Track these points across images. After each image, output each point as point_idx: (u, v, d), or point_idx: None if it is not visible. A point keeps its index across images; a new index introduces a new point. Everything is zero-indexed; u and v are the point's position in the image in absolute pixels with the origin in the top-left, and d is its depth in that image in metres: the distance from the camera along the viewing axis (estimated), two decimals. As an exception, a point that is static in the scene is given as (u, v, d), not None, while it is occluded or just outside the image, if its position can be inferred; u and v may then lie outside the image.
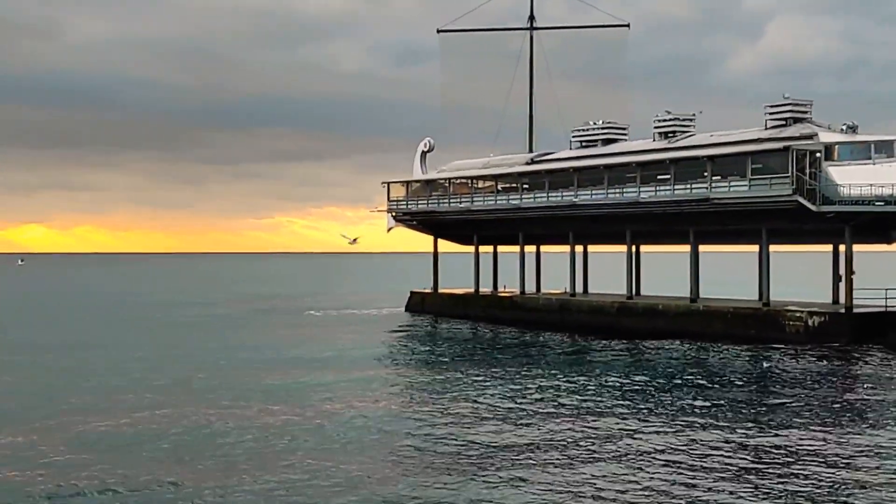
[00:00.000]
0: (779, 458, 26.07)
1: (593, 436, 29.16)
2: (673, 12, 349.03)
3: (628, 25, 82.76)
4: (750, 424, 30.86)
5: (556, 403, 35.26)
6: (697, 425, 30.73)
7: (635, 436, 29.12)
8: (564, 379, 41.62)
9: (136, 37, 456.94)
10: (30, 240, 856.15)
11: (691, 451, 26.92)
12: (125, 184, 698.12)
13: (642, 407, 34.36)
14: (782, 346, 51.49)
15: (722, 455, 26.47)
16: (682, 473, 24.31)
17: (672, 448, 27.33)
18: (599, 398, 36.53)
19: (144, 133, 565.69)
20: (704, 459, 25.93)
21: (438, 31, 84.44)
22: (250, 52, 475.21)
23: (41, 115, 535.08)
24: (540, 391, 38.27)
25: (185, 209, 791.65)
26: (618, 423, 31.13)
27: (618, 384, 40.07)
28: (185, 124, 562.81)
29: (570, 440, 28.51)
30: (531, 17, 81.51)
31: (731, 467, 25.01)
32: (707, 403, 35.00)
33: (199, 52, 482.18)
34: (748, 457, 26.34)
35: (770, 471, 24.60)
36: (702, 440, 28.43)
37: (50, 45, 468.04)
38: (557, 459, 26.00)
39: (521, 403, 35.29)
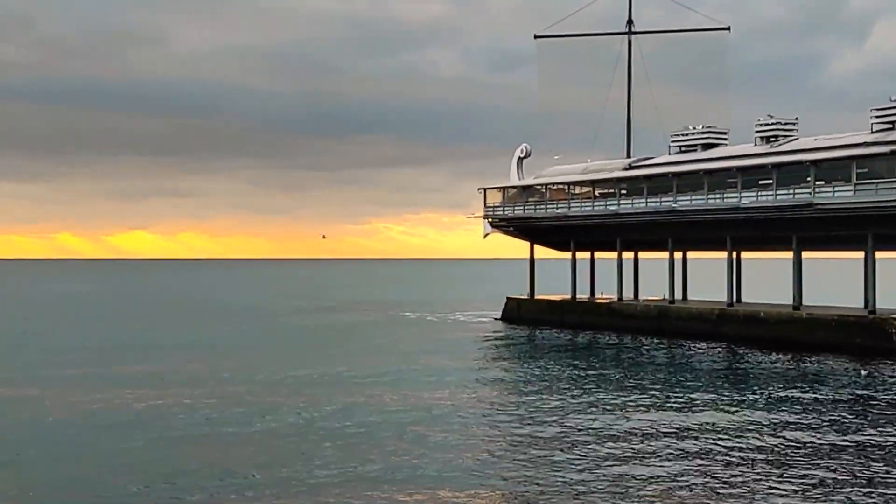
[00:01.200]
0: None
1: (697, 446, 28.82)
2: (774, 14, 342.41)
3: (728, 28, 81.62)
4: (850, 445, 30.01)
5: (655, 413, 34.93)
6: (796, 442, 30.03)
7: (738, 450, 28.69)
8: (674, 389, 41.21)
9: (238, 46, 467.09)
10: (135, 245, 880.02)
11: (788, 467, 26.41)
12: (227, 190, 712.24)
13: (744, 420, 33.85)
14: (890, 358, 50.11)
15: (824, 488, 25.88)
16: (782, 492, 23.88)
17: (767, 459, 26.86)
18: (707, 409, 36.09)
19: (246, 140, 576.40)
20: (807, 487, 25.41)
21: (536, 37, 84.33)
22: (350, 60, 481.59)
23: (148, 123, 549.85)
24: (642, 398, 37.97)
25: (284, 215, 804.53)
26: (719, 437, 30.71)
27: (731, 398, 39.50)
28: (285, 132, 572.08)
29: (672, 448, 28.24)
30: (629, 22, 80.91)
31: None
32: (810, 419, 34.26)
33: (300, 59, 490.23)
34: (857, 487, 25.71)
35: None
36: (799, 461, 27.85)
37: (156, 55, 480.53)
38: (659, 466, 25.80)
39: (628, 413, 35.04)
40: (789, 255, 62.31)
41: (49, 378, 45.14)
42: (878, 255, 59.26)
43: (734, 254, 67.75)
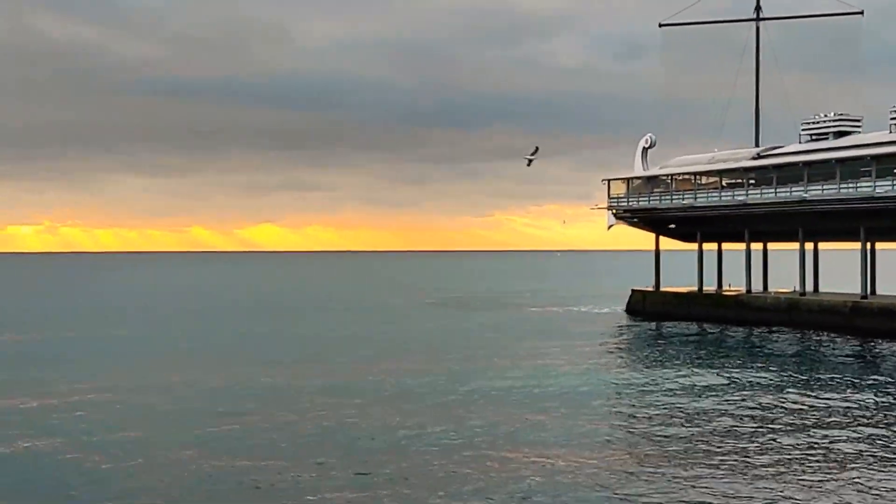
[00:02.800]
0: None
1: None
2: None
3: (862, 13, 78.97)
4: None
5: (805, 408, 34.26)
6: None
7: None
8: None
9: (362, 39, 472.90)
10: (264, 238, 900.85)
11: (934, 459, 25.60)
12: (353, 183, 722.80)
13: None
14: None
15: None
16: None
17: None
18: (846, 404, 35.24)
19: (372, 134, 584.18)
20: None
21: (660, 25, 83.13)
22: (473, 50, 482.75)
23: (275, 117, 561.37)
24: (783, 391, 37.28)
25: (409, 208, 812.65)
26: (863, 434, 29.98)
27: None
28: (410, 124, 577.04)
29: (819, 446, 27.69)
30: (757, 8, 79.07)
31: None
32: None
33: (423, 51, 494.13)
34: None
35: None
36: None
37: (283, 49, 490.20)
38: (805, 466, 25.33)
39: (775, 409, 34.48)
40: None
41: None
42: None
43: (868, 244, 65.73)
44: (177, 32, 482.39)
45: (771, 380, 40.70)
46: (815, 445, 27.48)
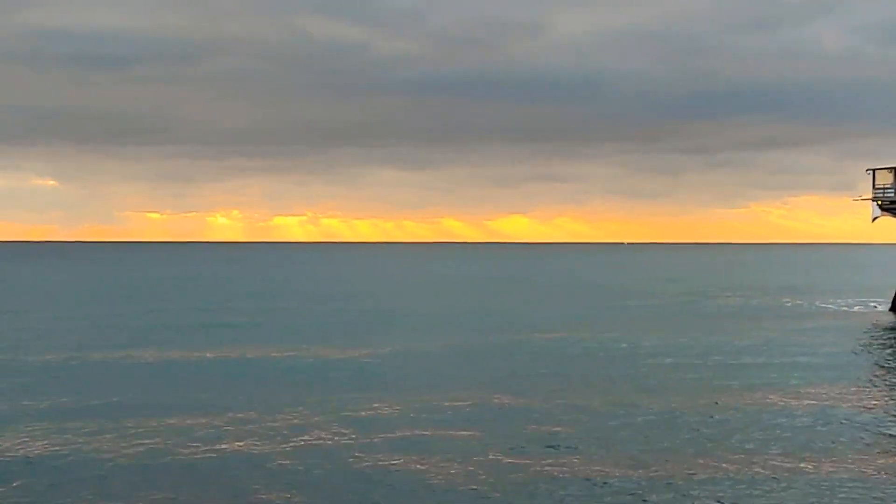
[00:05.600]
0: None
1: None
2: None
3: None
4: None
5: None
6: None
7: None
8: None
9: (614, 29, 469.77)
10: (514, 230, 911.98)
11: None
12: (603, 175, 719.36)
13: None
14: None
15: None
16: None
17: None
18: None
19: (623, 124, 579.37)
20: None
21: (932, 7, 78.76)
22: (729, 37, 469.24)
23: (526, 110, 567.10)
24: None
25: (660, 199, 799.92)
26: None
27: None
28: (661, 114, 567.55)
29: None
30: None
31: None
32: None
33: (676, 39, 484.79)
34: None
35: None
36: None
37: (536, 43, 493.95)
38: None
39: None
40: None
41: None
42: None
43: None
44: (435, 29, 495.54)
45: None
46: None
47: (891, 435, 28.04)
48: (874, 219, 79.21)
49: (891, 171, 77.24)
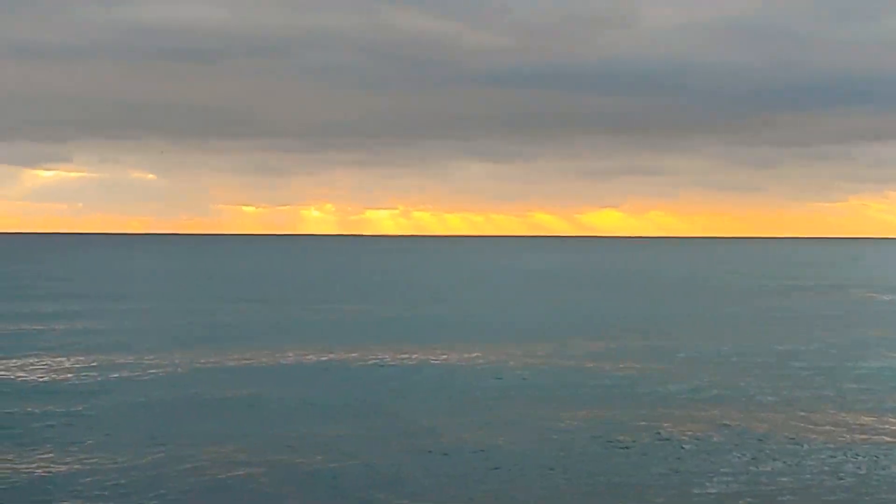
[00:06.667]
0: None
1: None
2: None
3: None
4: None
5: None
6: None
7: None
8: None
9: (705, 20, 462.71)
10: (606, 223, 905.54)
11: None
12: (695, 168, 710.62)
13: None
14: None
15: None
16: None
17: None
18: None
19: (715, 117, 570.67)
20: None
21: None
22: (824, 28, 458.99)
23: (616, 103, 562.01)
24: None
25: (754, 192, 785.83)
26: None
27: None
28: (754, 106, 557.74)
29: None
30: None
31: None
32: None
33: (768, 30, 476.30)
34: None
35: None
36: None
37: (625, 35, 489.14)
38: None
39: None
40: None
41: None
42: None
43: None
44: (522, 21, 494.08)
45: None
46: None
47: None
48: None
49: None
